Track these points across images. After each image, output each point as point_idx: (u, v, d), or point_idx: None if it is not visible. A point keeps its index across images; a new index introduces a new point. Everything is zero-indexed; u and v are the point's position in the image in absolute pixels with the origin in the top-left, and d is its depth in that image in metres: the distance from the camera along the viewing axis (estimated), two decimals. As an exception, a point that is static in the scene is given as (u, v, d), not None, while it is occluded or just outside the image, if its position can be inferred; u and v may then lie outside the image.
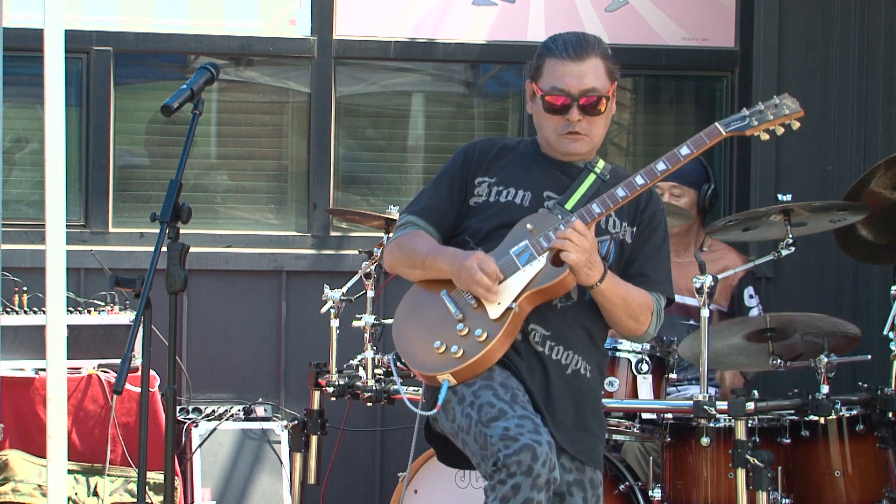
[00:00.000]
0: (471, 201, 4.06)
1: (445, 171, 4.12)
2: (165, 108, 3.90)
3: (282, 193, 6.94)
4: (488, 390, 3.85)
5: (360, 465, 6.71)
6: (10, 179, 6.60)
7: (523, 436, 3.70)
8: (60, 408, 4.65)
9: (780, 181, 6.77)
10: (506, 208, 4.01)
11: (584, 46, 4.03)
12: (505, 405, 3.80)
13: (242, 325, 6.68)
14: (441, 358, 3.91)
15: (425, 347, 3.94)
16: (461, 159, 4.11)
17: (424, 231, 4.06)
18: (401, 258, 4.06)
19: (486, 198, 4.04)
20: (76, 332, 5.83)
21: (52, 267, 4.64)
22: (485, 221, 4.02)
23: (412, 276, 4.06)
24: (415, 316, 4.01)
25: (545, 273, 3.89)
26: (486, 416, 3.79)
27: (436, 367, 3.91)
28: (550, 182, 4.04)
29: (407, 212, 4.12)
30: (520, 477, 3.67)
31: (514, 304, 3.88)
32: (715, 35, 6.96)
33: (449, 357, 3.90)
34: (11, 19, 5.70)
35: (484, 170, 4.07)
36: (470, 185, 4.06)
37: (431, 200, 4.09)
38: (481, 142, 4.16)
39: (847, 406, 4.93)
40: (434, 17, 6.86)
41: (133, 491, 5.89)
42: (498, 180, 4.05)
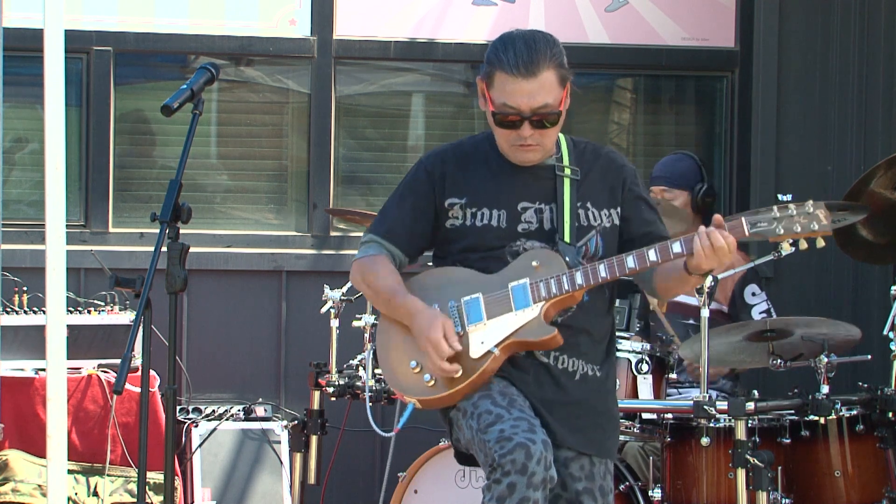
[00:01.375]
0: (447, 223, 4.01)
1: (407, 189, 4.05)
2: (165, 108, 3.90)
3: (282, 193, 6.94)
4: (486, 399, 3.86)
5: (360, 465, 6.71)
6: (10, 179, 6.60)
7: (517, 435, 3.71)
8: (60, 408, 4.65)
9: (780, 181, 6.77)
10: (484, 233, 3.97)
11: (535, 62, 3.90)
12: (502, 410, 3.81)
13: (242, 325, 6.68)
14: (413, 380, 3.93)
15: (402, 362, 3.96)
16: (424, 177, 4.02)
17: (387, 255, 4.05)
18: (363, 287, 4.10)
19: (463, 221, 3.99)
20: (76, 332, 5.83)
21: (52, 267, 4.64)
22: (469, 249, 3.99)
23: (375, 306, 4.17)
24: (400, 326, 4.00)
25: (535, 327, 3.88)
26: (484, 422, 3.80)
27: (406, 388, 3.94)
28: (522, 191, 3.99)
29: (371, 231, 4.10)
30: (515, 475, 3.68)
31: (496, 349, 3.88)
32: (715, 35, 6.96)
33: (420, 382, 3.92)
34: (11, 19, 5.70)
35: (451, 189, 3.99)
36: (441, 207, 4.00)
37: (396, 222, 4.06)
38: (438, 154, 4.05)
39: (847, 406, 4.93)
40: (434, 17, 6.86)
41: (133, 491, 5.88)
42: (469, 201, 3.98)
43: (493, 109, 3.92)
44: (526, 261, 3.93)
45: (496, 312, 3.91)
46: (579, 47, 6.91)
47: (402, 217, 4.05)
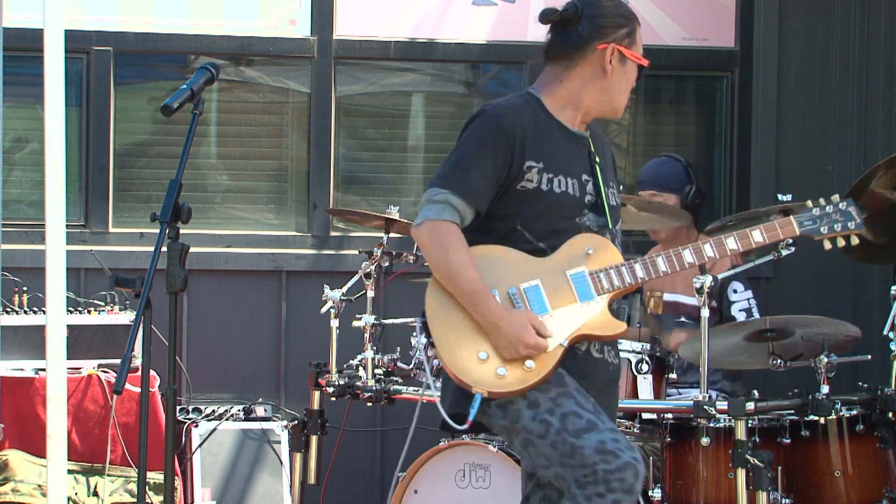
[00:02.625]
0: (518, 185, 3.84)
1: (484, 145, 3.84)
2: (165, 108, 3.90)
3: (282, 193, 6.94)
4: (568, 398, 3.79)
5: (360, 465, 6.71)
6: (10, 179, 6.60)
7: (623, 453, 3.71)
8: (60, 408, 4.65)
9: (780, 181, 6.77)
10: (563, 200, 3.87)
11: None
12: (592, 416, 3.77)
13: (242, 325, 6.68)
14: (481, 370, 3.77)
15: (468, 350, 3.79)
16: (504, 137, 3.84)
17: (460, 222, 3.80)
18: (437, 255, 3.79)
19: (538, 185, 3.85)
20: (76, 332, 5.83)
21: (52, 267, 4.64)
22: (542, 214, 3.86)
23: (440, 281, 3.82)
24: (461, 309, 3.81)
25: (604, 321, 3.86)
26: (573, 426, 3.74)
27: (474, 379, 3.76)
28: (580, 162, 3.94)
29: (448, 187, 3.83)
30: (621, 494, 3.69)
31: (566, 343, 3.82)
32: (715, 35, 6.96)
33: (491, 374, 3.77)
34: (11, 19, 5.70)
35: (530, 151, 3.84)
36: (518, 168, 3.83)
37: (477, 180, 3.82)
38: (512, 111, 3.89)
39: (847, 406, 4.93)
40: (434, 17, 6.86)
41: (133, 491, 5.89)
42: (545, 166, 3.84)
43: (639, 60, 3.95)
44: (578, 245, 3.87)
45: (560, 303, 3.83)
46: (579, 47, 6.90)
47: (482, 175, 3.82)
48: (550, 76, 3.97)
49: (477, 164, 3.83)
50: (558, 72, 3.95)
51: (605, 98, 3.96)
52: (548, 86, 3.97)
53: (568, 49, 3.93)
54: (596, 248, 3.89)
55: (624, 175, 7.10)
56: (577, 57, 3.93)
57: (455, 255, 3.76)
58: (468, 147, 3.88)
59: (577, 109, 3.96)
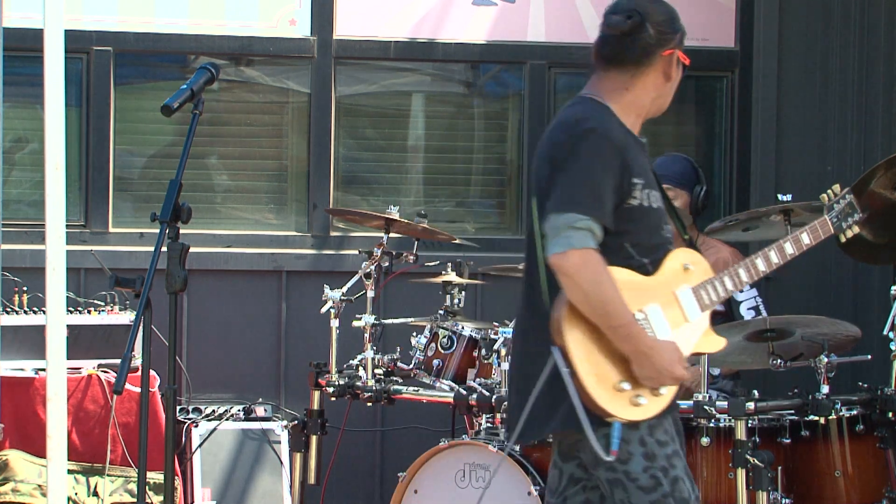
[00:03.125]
0: (626, 203, 3.75)
1: (607, 166, 3.70)
2: (165, 108, 3.90)
3: (282, 193, 6.94)
4: (680, 460, 3.78)
5: (360, 465, 6.71)
6: (10, 179, 6.60)
7: None
8: (60, 408, 4.65)
9: (780, 181, 6.77)
10: (658, 214, 3.83)
11: None
12: (691, 486, 3.77)
13: (242, 325, 6.68)
14: (620, 399, 3.66)
15: (610, 379, 3.66)
16: (618, 155, 3.73)
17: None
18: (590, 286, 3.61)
19: (641, 202, 3.76)
20: (76, 332, 5.83)
21: (52, 267, 4.64)
22: (644, 230, 3.78)
23: (584, 313, 3.64)
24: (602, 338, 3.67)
25: (709, 340, 3.83)
26: (678, 493, 3.73)
27: (612, 408, 3.64)
28: (651, 172, 3.89)
29: (585, 212, 3.65)
30: None
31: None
32: (715, 35, 6.96)
33: (631, 403, 3.67)
34: (11, 19, 5.70)
35: (633, 168, 3.75)
36: (628, 185, 3.73)
37: (607, 203, 3.68)
38: (615, 130, 3.79)
39: (847, 406, 4.92)
40: (434, 17, 6.86)
41: (133, 491, 5.89)
42: (644, 181, 3.78)
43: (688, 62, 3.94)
44: (677, 263, 3.82)
45: (676, 325, 3.76)
46: (579, 47, 6.90)
47: (609, 196, 3.69)
48: (614, 84, 3.88)
49: (603, 186, 3.69)
50: (623, 79, 3.87)
51: (661, 102, 3.95)
52: (613, 94, 3.87)
53: (635, 56, 3.86)
54: (692, 262, 3.85)
55: (624, 175, 7.10)
56: (644, 64, 3.87)
57: (608, 287, 3.62)
58: (591, 167, 3.70)
59: (639, 116, 3.91)
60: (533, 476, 4.87)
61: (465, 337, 5.37)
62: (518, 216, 6.99)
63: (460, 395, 5.17)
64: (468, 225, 7.04)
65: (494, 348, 5.11)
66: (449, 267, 5.57)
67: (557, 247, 3.62)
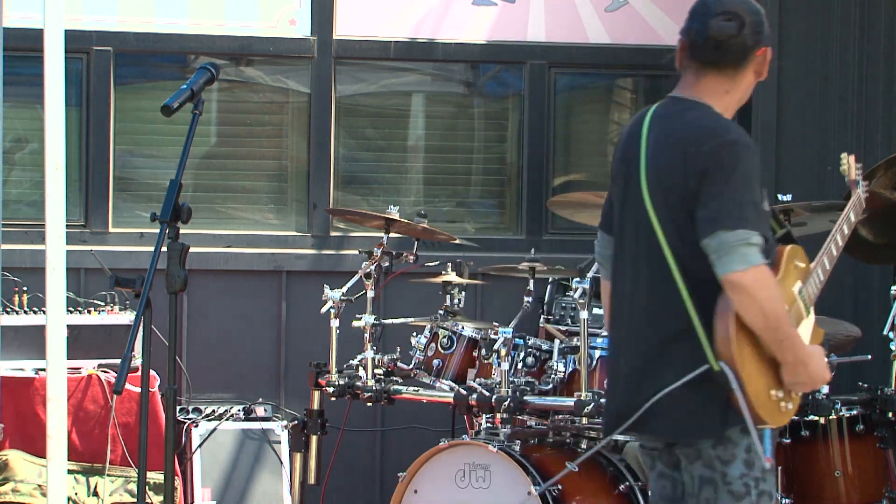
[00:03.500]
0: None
1: (757, 178, 3.71)
2: (165, 108, 3.90)
3: (282, 193, 6.94)
4: (772, 476, 3.80)
5: (360, 465, 6.71)
6: (10, 179, 6.59)
7: None
8: (60, 408, 4.65)
9: (780, 181, 6.76)
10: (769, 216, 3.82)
11: None
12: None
13: (242, 325, 6.68)
14: (772, 407, 3.71)
15: (763, 389, 3.69)
16: (759, 164, 3.77)
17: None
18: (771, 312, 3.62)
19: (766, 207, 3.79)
20: (76, 332, 5.83)
21: (52, 267, 4.64)
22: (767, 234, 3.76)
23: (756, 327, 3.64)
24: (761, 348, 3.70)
25: (817, 333, 3.85)
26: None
27: (766, 415, 3.68)
28: None
29: (755, 228, 3.63)
30: None
31: None
32: (715, 35, 6.95)
33: (779, 410, 3.73)
34: (11, 19, 5.70)
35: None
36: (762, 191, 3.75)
37: (764, 216, 3.71)
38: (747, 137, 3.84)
39: (847, 406, 4.93)
40: (434, 17, 6.86)
41: (133, 491, 5.88)
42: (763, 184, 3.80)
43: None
44: (791, 261, 3.83)
45: (798, 321, 3.80)
46: (579, 47, 6.91)
47: (765, 210, 3.72)
48: (714, 86, 3.86)
49: (759, 198, 3.70)
50: (722, 82, 3.86)
51: (744, 100, 3.96)
52: (714, 97, 3.86)
53: (736, 59, 3.84)
54: (799, 259, 3.87)
55: (624, 175, 7.10)
56: (742, 65, 3.86)
57: (780, 302, 3.66)
58: (749, 181, 3.69)
59: (730, 116, 3.91)
60: (533, 476, 4.87)
61: (465, 337, 5.37)
62: (518, 216, 6.99)
63: (460, 395, 5.17)
64: (468, 225, 7.04)
65: (494, 348, 5.11)
66: (449, 267, 5.57)
67: (736, 264, 3.60)
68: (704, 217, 3.64)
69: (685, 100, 3.85)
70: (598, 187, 6.66)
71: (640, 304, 3.81)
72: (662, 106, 3.87)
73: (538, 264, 5.44)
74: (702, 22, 3.82)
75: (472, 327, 5.38)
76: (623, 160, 3.87)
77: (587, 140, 7.22)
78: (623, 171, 3.86)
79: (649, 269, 3.77)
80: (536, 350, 5.22)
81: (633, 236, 3.82)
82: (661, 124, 3.82)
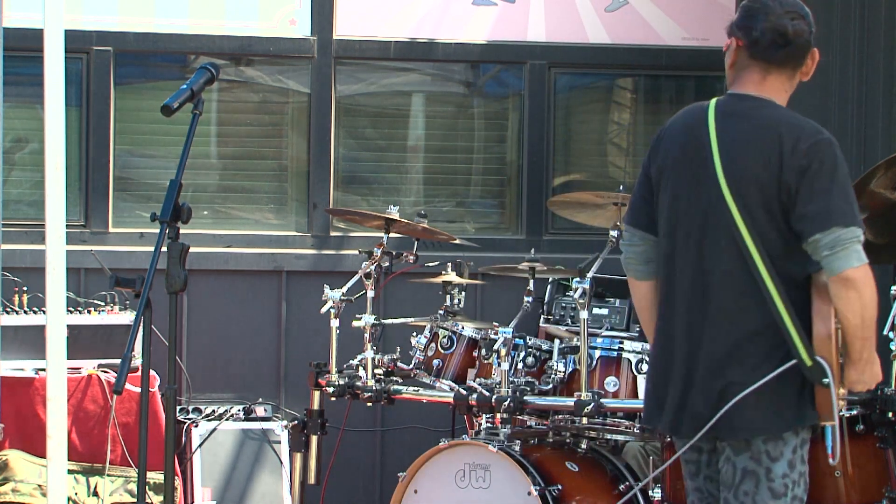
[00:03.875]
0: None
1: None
2: (165, 108, 3.90)
3: (282, 193, 6.94)
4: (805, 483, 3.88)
5: (360, 465, 6.71)
6: (10, 179, 6.60)
7: None
8: (60, 408, 4.65)
9: (780, 181, 6.75)
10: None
11: None
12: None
13: (242, 325, 6.68)
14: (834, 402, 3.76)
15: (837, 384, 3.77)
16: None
17: None
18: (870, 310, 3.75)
19: None
20: (76, 332, 5.83)
21: (52, 267, 4.64)
22: None
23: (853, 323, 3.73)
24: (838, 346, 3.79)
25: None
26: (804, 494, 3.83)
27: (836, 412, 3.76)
28: None
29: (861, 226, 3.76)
30: None
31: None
32: (715, 35, 6.96)
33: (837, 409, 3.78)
34: (11, 19, 5.70)
35: None
36: None
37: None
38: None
39: (847, 406, 4.92)
40: (434, 17, 6.86)
41: (133, 491, 5.89)
42: None
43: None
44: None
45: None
46: (579, 47, 6.91)
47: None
48: (778, 86, 3.92)
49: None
50: (783, 81, 3.91)
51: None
52: (779, 96, 3.93)
53: (800, 58, 3.90)
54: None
55: (623, 175, 7.11)
56: (801, 65, 3.91)
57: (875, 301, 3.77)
58: (847, 180, 3.77)
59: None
60: (533, 476, 4.87)
61: (465, 337, 5.37)
62: (518, 216, 6.99)
63: (460, 395, 5.17)
64: (468, 225, 7.04)
65: (494, 348, 5.11)
66: (449, 267, 5.57)
67: (854, 261, 3.70)
68: (815, 212, 3.66)
69: (754, 97, 3.86)
70: (598, 187, 6.68)
71: (715, 299, 3.79)
72: (726, 103, 3.87)
73: (538, 264, 5.43)
74: (767, 20, 3.82)
75: (472, 327, 5.39)
76: (685, 156, 3.85)
77: (587, 140, 7.22)
78: (686, 165, 3.84)
79: (728, 263, 3.77)
80: (536, 350, 5.22)
81: (699, 230, 3.80)
82: (735, 121, 3.82)
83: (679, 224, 3.84)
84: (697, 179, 3.81)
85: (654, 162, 3.93)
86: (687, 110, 3.96)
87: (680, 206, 3.84)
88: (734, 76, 3.90)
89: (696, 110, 3.92)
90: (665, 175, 3.89)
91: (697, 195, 3.80)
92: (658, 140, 3.97)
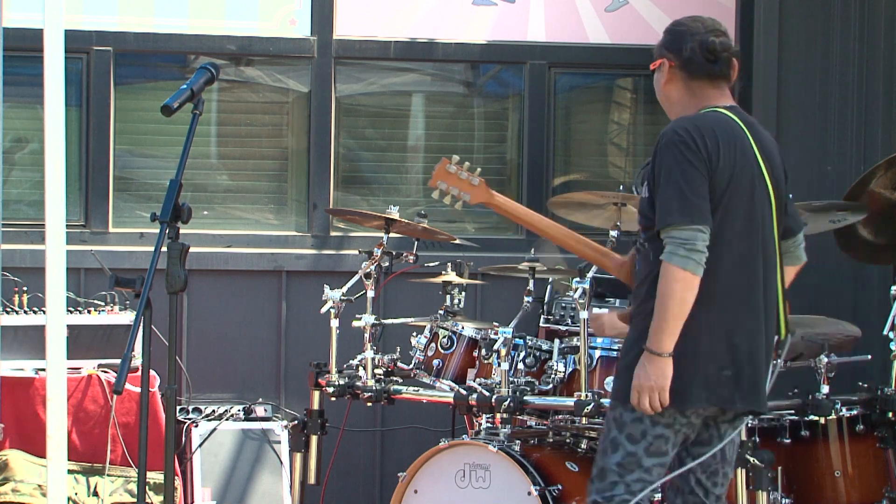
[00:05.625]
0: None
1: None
2: (165, 108, 3.90)
3: (282, 193, 6.94)
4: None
5: (360, 465, 6.71)
6: (10, 179, 6.60)
7: None
8: (60, 408, 4.65)
9: (780, 181, 6.75)
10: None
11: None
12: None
13: (242, 325, 6.68)
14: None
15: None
16: None
17: None
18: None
19: None
20: (76, 332, 5.83)
21: (52, 267, 4.64)
22: None
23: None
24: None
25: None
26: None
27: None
28: None
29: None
30: None
31: None
32: (715, 35, 6.95)
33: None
34: (11, 19, 5.70)
35: None
36: None
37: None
38: None
39: (847, 406, 4.93)
40: (434, 17, 6.86)
41: (133, 491, 5.89)
42: None
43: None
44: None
45: None
46: (579, 47, 6.91)
47: None
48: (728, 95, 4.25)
49: None
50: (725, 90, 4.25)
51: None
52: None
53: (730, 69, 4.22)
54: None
55: (623, 175, 7.11)
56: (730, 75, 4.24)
57: None
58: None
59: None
60: (533, 476, 4.87)
61: (465, 337, 5.37)
62: (518, 216, 6.98)
63: (460, 395, 5.17)
64: (468, 225, 7.04)
65: (494, 348, 5.11)
66: (449, 267, 5.57)
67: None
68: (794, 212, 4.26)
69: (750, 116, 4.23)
70: (598, 187, 6.68)
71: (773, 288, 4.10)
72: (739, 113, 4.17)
73: (538, 264, 5.44)
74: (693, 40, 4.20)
75: (472, 327, 5.38)
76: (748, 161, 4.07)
77: (587, 140, 7.22)
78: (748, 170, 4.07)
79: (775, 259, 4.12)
80: (536, 350, 5.22)
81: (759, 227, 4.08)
82: (757, 130, 4.15)
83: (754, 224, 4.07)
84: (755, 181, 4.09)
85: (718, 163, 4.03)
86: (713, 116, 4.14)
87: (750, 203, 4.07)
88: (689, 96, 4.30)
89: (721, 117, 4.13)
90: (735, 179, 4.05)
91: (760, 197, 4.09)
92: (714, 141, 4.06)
